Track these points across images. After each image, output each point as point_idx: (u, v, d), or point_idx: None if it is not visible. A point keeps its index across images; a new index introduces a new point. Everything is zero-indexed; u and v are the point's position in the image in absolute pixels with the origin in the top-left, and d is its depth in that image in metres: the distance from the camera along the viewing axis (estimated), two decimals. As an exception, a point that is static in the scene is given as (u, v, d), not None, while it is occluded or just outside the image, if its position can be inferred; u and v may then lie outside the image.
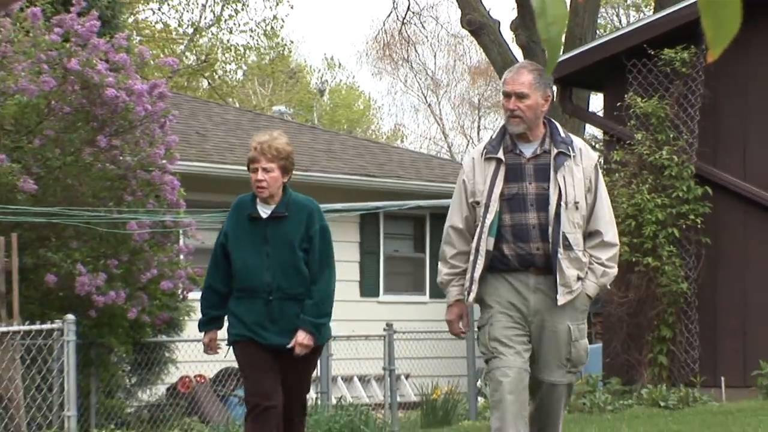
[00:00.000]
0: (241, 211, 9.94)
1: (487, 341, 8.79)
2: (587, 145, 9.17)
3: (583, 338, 8.89)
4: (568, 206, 8.55)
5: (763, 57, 19.46)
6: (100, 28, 18.43)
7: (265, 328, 9.66)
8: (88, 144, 17.50)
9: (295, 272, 9.66)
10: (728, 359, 19.78)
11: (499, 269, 8.68)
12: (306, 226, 9.74)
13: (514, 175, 8.71)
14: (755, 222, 19.84)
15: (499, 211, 8.63)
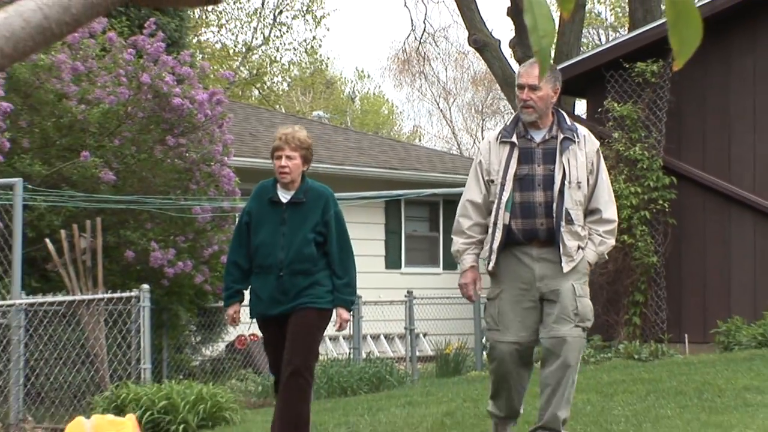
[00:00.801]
0: (263, 195, 9.60)
1: (495, 314, 8.68)
2: (590, 133, 9.02)
3: (586, 296, 8.75)
4: (571, 186, 8.45)
5: (719, 69, 19.43)
6: (169, 47, 18.51)
7: (278, 301, 9.33)
8: (159, 143, 17.56)
9: (304, 251, 9.30)
10: (691, 319, 19.78)
11: (507, 243, 8.56)
12: (322, 211, 9.42)
13: (525, 158, 8.58)
14: (712, 206, 19.85)
15: (512, 190, 8.54)
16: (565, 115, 8.93)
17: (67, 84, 16.79)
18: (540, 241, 8.57)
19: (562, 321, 8.53)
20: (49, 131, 17.14)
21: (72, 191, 16.46)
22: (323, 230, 9.38)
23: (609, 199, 8.87)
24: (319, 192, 9.51)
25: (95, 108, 17.11)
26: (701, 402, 11.72)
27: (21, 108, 16.52)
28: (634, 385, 13.44)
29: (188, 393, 12.94)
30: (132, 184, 17.41)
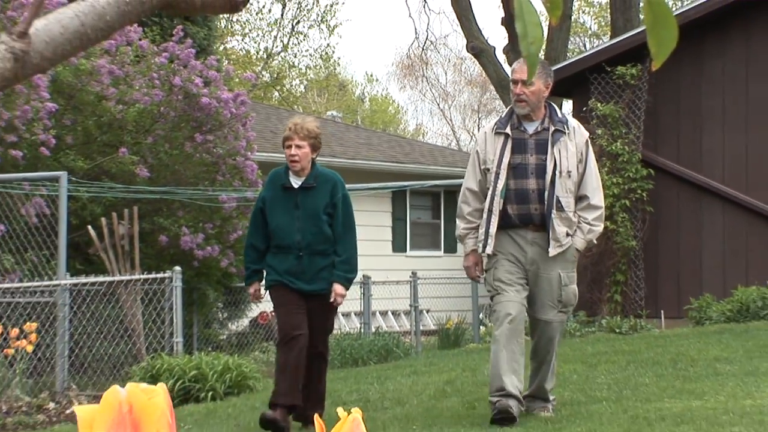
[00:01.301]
0: (276, 181, 9.42)
1: (492, 281, 8.65)
2: (580, 125, 8.94)
3: (572, 284, 8.72)
4: (561, 175, 8.39)
5: (692, 72, 19.42)
6: (198, 53, 18.51)
7: (297, 276, 9.24)
8: (189, 139, 17.58)
9: (320, 232, 9.22)
10: (666, 297, 19.79)
11: (504, 226, 8.52)
12: (331, 195, 9.27)
13: (519, 148, 8.53)
14: (686, 195, 19.85)
15: (507, 178, 8.49)
16: (557, 108, 8.87)
17: (107, 87, 16.80)
18: (535, 225, 8.54)
19: (547, 306, 8.57)
20: (91, 129, 17.14)
21: (111, 183, 16.51)
22: (331, 211, 9.29)
23: (597, 186, 8.79)
24: (327, 177, 9.39)
25: (132, 108, 17.14)
26: (676, 371, 11.71)
27: (65, 108, 16.53)
28: (615, 356, 13.43)
29: (216, 364, 12.96)
30: (165, 176, 17.44)
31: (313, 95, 60.93)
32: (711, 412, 8.73)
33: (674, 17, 1.45)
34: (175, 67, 17.59)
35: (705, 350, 13.30)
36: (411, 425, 9.25)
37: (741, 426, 8.02)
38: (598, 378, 11.42)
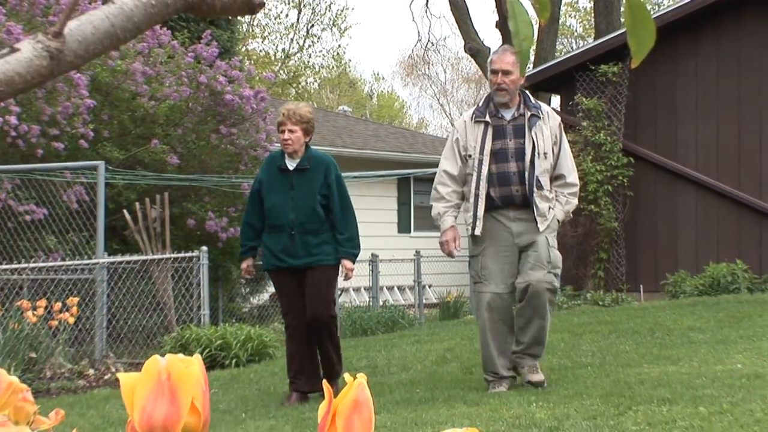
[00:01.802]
0: (273, 163, 9.16)
1: (479, 269, 8.46)
2: (552, 109, 8.88)
3: (556, 247, 8.55)
4: (539, 156, 8.27)
5: (667, 69, 19.38)
6: (222, 54, 18.55)
7: (290, 254, 8.89)
8: (214, 132, 17.60)
9: (312, 212, 8.87)
10: (645, 273, 19.78)
11: (487, 208, 8.33)
12: (324, 176, 8.92)
13: (498, 134, 8.34)
14: (662, 181, 19.84)
15: (489, 163, 8.32)
16: (529, 94, 8.72)
17: (140, 85, 16.82)
18: (516, 205, 8.37)
19: (537, 267, 8.32)
20: (126, 123, 17.19)
21: (144, 171, 16.56)
22: (326, 192, 8.96)
23: (572, 166, 8.70)
24: (320, 159, 9.09)
25: (163, 104, 17.18)
26: (653, 340, 11.71)
27: (102, 104, 16.56)
28: (598, 326, 13.43)
29: (239, 334, 12.98)
30: (193, 165, 17.47)
31: (326, 92, 60.96)
32: (685, 377, 8.72)
33: (652, 19, 1.43)
34: (201, 67, 17.64)
35: (680, 321, 13.29)
36: (415, 389, 9.25)
37: (712, 389, 8.01)
38: (583, 346, 11.43)
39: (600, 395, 8.07)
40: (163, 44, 17.62)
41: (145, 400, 1.60)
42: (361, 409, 1.87)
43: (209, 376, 11.10)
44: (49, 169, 15.04)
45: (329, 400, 1.89)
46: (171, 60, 17.79)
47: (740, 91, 19.37)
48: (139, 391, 1.60)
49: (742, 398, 7.57)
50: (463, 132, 8.50)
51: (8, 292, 13.64)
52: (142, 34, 3.19)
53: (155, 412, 1.59)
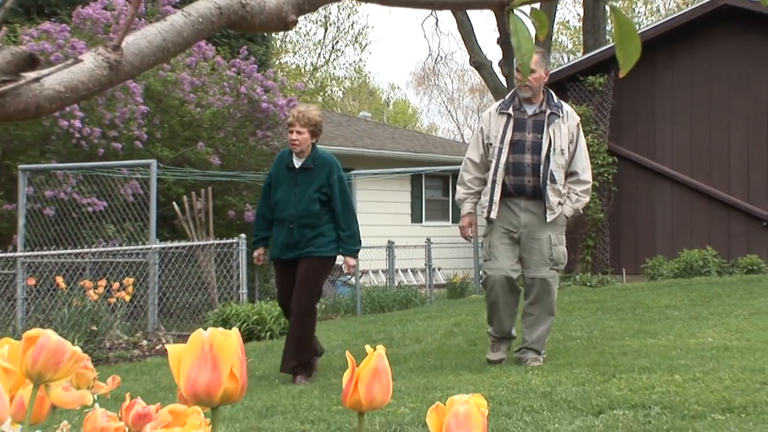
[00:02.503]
0: (282, 161, 8.60)
1: (488, 247, 8.21)
2: (573, 110, 8.42)
3: (561, 245, 8.17)
4: (555, 152, 7.93)
5: (647, 80, 19.34)
6: (259, 67, 18.59)
7: (289, 247, 8.34)
8: (252, 135, 17.68)
9: (309, 208, 8.33)
10: (627, 258, 19.75)
11: (502, 194, 8.04)
12: (327, 175, 8.39)
13: (519, 127, 8.01)
14: (642, 177, 19.80)
15: (508, 153, 8.01)
16: (553, 94, 8.40)
17: (188, 93, 16.88)
18: (527, 195, 8.04)
19: (540, 264, 8.06)
20: (175, 127, 17.26)
21: (191, 169, 16.63)
22: (328, 191, 8.43)
23: (586, 164, 8.28)
24: (324, 159, 8.52)
25: (207, 110, 17.24)
26: (634, 316, 11.68)
27: (155, 111, 16.61)
28: (586, 304, 13.41)
29: (273, 310, 12.98)
30: (233, 163, 17.53)
31: (348, 100, 61.01)
32: (662, 348, 8.71)
33: (638, 35, 1.42)
34: (241, 78, 17.69)
35: (657, 300, 13.27)
36: (426, 358, 9.25)
37: (686, 359, 7.99)
38: (573, 321, 11.41)
39: (588, 364, 8.06)
40: (208, 58, 17.73)
41: (191, 368, 1.61)
42: (381, 376, 1.87)
43: (246, 347, 11.10)
44: (108, 167, 15.09)
45: (352, 368, 1.89)
46: (214, 72, 17.87)
47: (711, 99, 19.33)
48: (185, 360, 1.62)
49: (712, 368, 7.56)
50: (487, 122, 8.21)
51: (72, 273, 13.68)
52: (189, 48, 3.16)
53: (199, 379, 1.60)
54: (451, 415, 1.87)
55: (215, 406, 1.64)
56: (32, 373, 1.70)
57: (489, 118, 8.18)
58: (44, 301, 13.28)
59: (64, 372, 1.72)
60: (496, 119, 8.08)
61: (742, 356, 8.02)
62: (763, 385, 6.77)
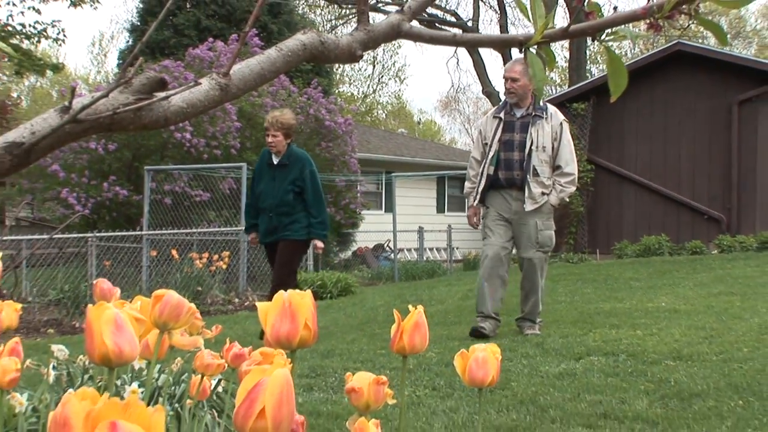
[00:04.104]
0: (264, 159, 7.93)
1: (483, 228, 7.59)
2: (558, 111, 7.65)
3: (548, 230, 7.46)
4: (537, 149, 7.29)
5: (617, 108, 19.24)
6: (323, 94, 18.57)
7: (270, 233, 7.74)
8: (317, 145, 17.63)
9: (285, 199, 7.67)
10: (600, 241, 19.64)
11: (496, 187, 7.45)
12: (300, 170, 7.69)
13: (508, 128, 7.36)
14: (613, 181, 19.67)
15: (498, 150, 7.39)
16: (540, 98, 7.81)
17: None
18: (517, 186, 7.39)
19: (528, 247, 7.41)
20: (260, 139, 17.21)
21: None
22: (301, 184, 7.72)
23: (570, 158, 7.44)
24: (298, 156, 7.82)
25: (284, 126, 17.26)
26: (606, 285, 11.61)
27: (245, 126, 16.64)
28: (569, 276, 13.34)
29: (332, 277, 13.01)
30: (303, 167, 17.55)
31: (390, 120, 60.99)
32: (627, 310, 8.65)
33: (625, 69, 1.38)
34: (310, 102, 17.69)
35: (623, 273, 13.18)
36: (447, 315, 9.24)
37: (645, 319, 7.94)
38: (559, 289, 11.35)
39: (570, 322, 8.01)
40: (285, 87, 17.71)
41: (275, 320, 1.62)
42: (420, 328, 1.88)
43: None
44: (210, 168, 15.16)
45: (398, 322, 1.88)
46: (290, 97, 17.86)
47: (666, 123, 19.18)
48: (270, 314, 1.63)
49: (665, 325, 7.50)
50: (484, 125, 7.67)
51: (183, 247, 13.77)
52: (276, 78, 3.14)
53: (281, 329, 1.61)
54: (472, 359, 1.87)
55: (293, 349, 1.64)
56: (158, 323, 1.71)
57: (485, 122, 7.67)
58: (162, 268, 13.38)
59: (182, 322, 1.72)
60: (490, 122, 7.55)
61: (688, 317, 7.96)
62: (704, 339, 6.72)
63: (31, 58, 18.75)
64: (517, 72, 7.30)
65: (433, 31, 1.39)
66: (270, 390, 1.25)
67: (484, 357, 1.86)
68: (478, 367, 1.86)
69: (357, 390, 1.78)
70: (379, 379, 1.79)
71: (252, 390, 1.26)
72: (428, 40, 1.36)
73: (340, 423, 4.56)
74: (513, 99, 7.38)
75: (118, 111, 1.14)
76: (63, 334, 10.11)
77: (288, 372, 1.30)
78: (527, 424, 4.47)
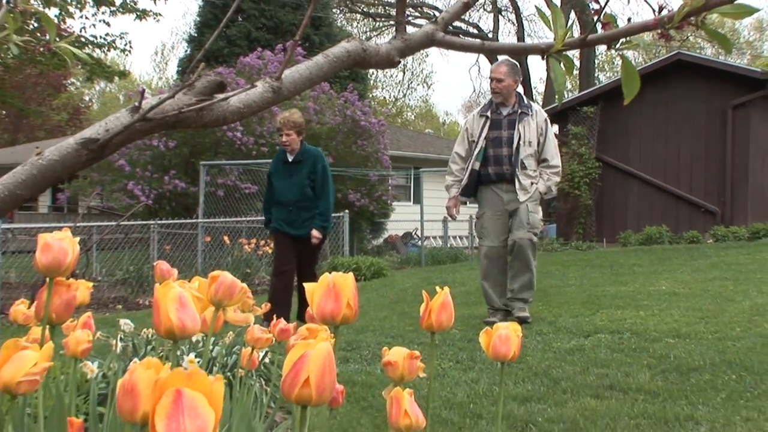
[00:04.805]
0: (279, 157, 7.51)
1: (480, 227, 7.12)
2: (542, 109, 7.16)
3: (536, 213, 6.96)
4: (524, 144, 6.86)
5: (623, 110, 19.06)
6: (358, 98, 18.55)
7: (289, 224, 7.29)
8: (354, 143, 17.62)
9: (303, 193, 7.26)
10: (607, 231, 19.49)
11: (486, 182, 7.02)
12: (313, 166, 7.29)
13: (495, 126, 6.96)
14: (619, 176, 19.49)
15: (486, 147, 6.95)
16: (524, 97, 7.21)
17: (312, 115, 16.89)
18: (507, 180, 6.96)
19: (520, 227, 6.90)
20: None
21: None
22: (314, 177, 7.34)
23: (555, 152, 7.00)
24: (311, 153, 7.43)
25: (324, 126, 17.20)
26: (611, 270, 11.52)
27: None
28: (578, 262, 13.25)
29: (366, 261, 13.00)
30: (342, 163, 17.49)
31: (418, 121, 60.90)
32: (631, 293, 8.58)
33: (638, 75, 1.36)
34: (347, 105, 17.67)
35: (628, 260, 13.07)
36: (469, 296, 9.21)
37: (648, 301, 7.88)
38: (570, 273, 11.28)
39: (579, 303, 7.96)
40: (325, 91, 17.70)
41: (320, 299, 1.62)
42: (447, 307, 1.87)
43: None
44: (258, 163, 15.19)
45: (427, 301, 1.87)
46: (329, 101, 17.86)
47: (667, 125, 18.99)
48: (316, 293, 1.63)
49: (666, 306, 7.44)
50: (471, 123, 7.20)
51: (234, 234, 13.82)
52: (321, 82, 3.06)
53: (326, 307, 1.61)
54: (496, 336, 1.86)
55: (336, 326, 1.64)
56: (214, 301, 1.71)
57: (472, 120, 7.22)
58: (215, 252, 13.44)
59: (235, 300, 1.72)
60: (477, 120, 7.12)
61: (686, 300, 7.88)
62: (701, 320, 6.65)
63: (101, 65, 18.91)
64: (502, 73, 6.93)
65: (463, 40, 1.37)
66: (314, 361, 1.25)
67: (507, 334, 1.85)
68: (501, 343, 1.85)
69: (393, 363, 1.78)
70: (413, 354, 1.78)
71: (298, 361, 1.26)
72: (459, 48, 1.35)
73: (373, 392, 4.56)
74: (498, 98, 6.99)
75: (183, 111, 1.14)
76: (129, 310, 10.21)
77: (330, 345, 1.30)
78: (541, 394, 4.46)
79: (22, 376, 1.46)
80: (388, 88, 55.33)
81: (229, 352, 4.47)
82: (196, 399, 1.01)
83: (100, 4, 18.53)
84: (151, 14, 19.06)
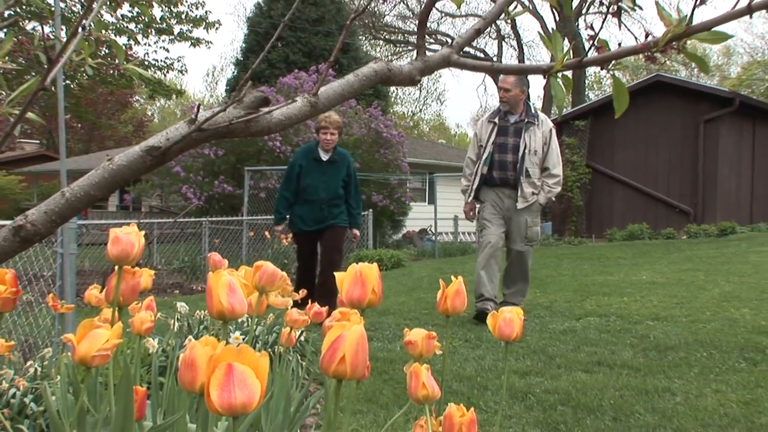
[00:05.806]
0: (310, 154, 6.69)
1: (481, 219, 6.61)
2: (548, 119, 6.65)
3: (535, 226, 6.53)
4: (530, 152, 6.43)
5: (610, 124, 18.92)
6: (381, 112, 18.50)
7: (318, 222, 6.55)
8: (377, 152, 17.56)
9: (336, 192, 6.62)
10: (595, 228, 19.35)
11: (490, 185, 6.52)
12: (347, 166, 6.69)
13: (502, 132, 6.48)
14: (606, 181, 19.35)
15: (493, 152, 6.49)
16: (532, 106, 6.70)
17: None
18: (510, 185, 6.49)
19: (517, 240, 6.47)
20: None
21: (341, 171, 16.62)
22: (346, 179, 6.70)
23: (557, 161, 6.51)
24: (343, 154, 6.79)
25: (351, 137, 17.16)
26: (599, 262, 11.44)
27: (322, 137, 16.65)
28: (571, 255, 13.17)
29: (387, 253, 12.95)
30: (365, 168, 17.46)
31: (432, 132, 60.73)
32: (616, 282, 8.51)
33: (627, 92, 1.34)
34: (371, 119, 17.62)
35: (613, 253, 12.98)
36: (476, 284, 9.16)
37: (631, 289, 7.81)
38: (563, 265, 11.21)
39: (572, 290, 7.91)
40: (352, 106, 17.68)
41: (348, 285, 1.61)
42: (461, 294, 1.85)
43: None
44: (295, 169, 15.21)
45: (443, 288, 1.85)
46: (356, 115, 17.83)
47: (647, 136, 18.83)
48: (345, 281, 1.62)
49: (646, 294, 7.38)
50: (480, 129, 6.73)
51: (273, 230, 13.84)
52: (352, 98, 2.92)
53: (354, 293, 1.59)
54: (501, 319, 1.84)
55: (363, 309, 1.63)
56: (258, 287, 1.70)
57: (481, 126, 6.77)
58: (258, 245, 13.46)
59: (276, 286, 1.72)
60: (486, 127, 6.68)
61: (664, 288, 7.81)
62: (676, 305, 6.59)
63: (161, 85, 19.02)
64: (510, 83, 6.54)
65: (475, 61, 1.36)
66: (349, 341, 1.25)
67: (511, 317, 1.83)
68: (506, 325, 1.83)
69: (413, 342, 1.77)
70: (430, 335, 1.77)
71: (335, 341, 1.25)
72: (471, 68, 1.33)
73: (393, 366, 4.55)
74: (506, 107, 6.56)
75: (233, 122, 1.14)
76: (184, 294, 10.25)
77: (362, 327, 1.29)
78: (539, 369, 4.43)
79: (95, 351, 1.46)
80: (406, 104, 55.23)
81: (270, 331, 4.48)
82: (245, 372, 1.01)
83: (161, 33, 18.64)
84: (203, 42, 19.15)
